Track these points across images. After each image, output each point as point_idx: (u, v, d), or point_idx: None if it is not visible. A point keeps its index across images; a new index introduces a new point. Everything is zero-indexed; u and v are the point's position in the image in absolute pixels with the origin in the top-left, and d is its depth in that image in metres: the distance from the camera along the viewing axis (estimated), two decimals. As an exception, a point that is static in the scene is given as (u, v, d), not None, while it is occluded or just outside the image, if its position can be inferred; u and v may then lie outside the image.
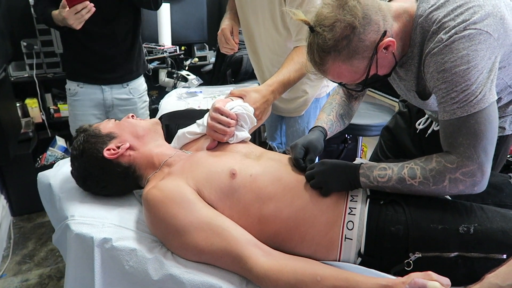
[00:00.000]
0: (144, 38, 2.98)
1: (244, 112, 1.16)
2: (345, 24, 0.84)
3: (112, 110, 1.99)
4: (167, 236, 0.96)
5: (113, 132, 1.14)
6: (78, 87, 1.88)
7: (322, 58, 0.88)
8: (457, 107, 0.86)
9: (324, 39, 0.85)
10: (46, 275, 2.06)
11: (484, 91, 0.84)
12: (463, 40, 0.83)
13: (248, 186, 1.00)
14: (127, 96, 1.98)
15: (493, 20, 0.84)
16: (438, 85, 0.88)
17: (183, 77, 2.61)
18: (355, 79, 0.93)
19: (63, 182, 1.18)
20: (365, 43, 0.86)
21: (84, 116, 1.94)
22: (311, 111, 1.71)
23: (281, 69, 1.36)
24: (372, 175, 0.97)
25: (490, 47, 0.84)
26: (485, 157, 0.87)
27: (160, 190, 0.98)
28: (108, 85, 1.92)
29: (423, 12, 0.90)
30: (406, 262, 0.90)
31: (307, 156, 1.08)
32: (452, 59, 0.84)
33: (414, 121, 1.35)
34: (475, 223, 0.89)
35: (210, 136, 1.16)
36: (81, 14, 1.55)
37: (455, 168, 0.88)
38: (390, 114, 2.39)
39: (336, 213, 0.98)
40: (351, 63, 0.88)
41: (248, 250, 0.90)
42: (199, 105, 1.67)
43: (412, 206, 0.95)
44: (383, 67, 0.93)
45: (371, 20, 0.85)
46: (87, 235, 0.98)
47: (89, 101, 1.92)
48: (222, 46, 1.58)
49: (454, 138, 0.89)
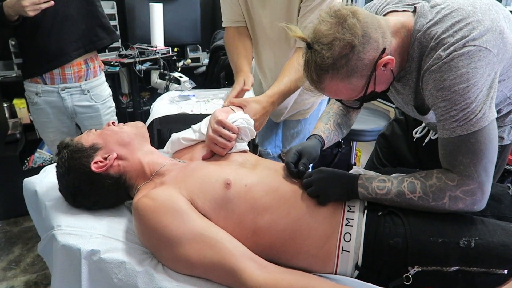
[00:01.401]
0: (136, 38, 2.94)
1: (246, 126, 1.13)
2: (344, 43, 0.81)
3: (76, 117, 1.90)
4: (158, 248, 0.92)
5: (97, 143, 1.09)
6: (36, 97, 1.78)
7: (319, 76, 0.86)
8: (456, 126, 0.85)
9: (322, 57, 0.82)
10: (32, 282, 2.00)
11: (484, 109, 0.83)
12: (462, 58, 0.81)
13: (243, 197, 0.97)
14: (88, 103, 1.87)
15: (492, 36, 0.83)
16: (437, 103, 0.86)
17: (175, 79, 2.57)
18: (353, 96, 0.92)
19: (49, 189, 1.13)
20: (364, 62, 0.84)
21: (51, 123, 1.86)
22: (313, 113, 1.70)
23: (282, 77, 1.33)
24: (371, 186, 0.95)
25: (489, 63, 0.83)
26: (486, 177, 0.86)
27: (151, 199, 0.94)
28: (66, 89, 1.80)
29: (421, 27, 0.89)
30: (405, 277, 0.88)
31: (300, 160, 1.06)
32: (451, 77, 0.82)
33: (411, 129, 1.33)
34: (475, 237, 0.87)
35: (210, 148, 1.12)
36: (39, 5, 1.49)
37: (455, 186, 0.87)
38: (385, 119, 2.38)
39: (333, 225, 0.96)
40: (349, 81, 0.86)
41: (242, 263, 0.86)
42: (192, 109, 1.63)
43: (411, 217, 0.93)
44: (381, 83, 0.92)
45: (371, 38, 0.83)
46: (73, 247, 0.93)
47: (51, 109, 1.83)
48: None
49: (453, 157, 0.88)
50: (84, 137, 1.12)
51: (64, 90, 1.79)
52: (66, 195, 1.08)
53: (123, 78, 2.88)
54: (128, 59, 2.51)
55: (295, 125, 1.73)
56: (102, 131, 1.13)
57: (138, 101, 2.94)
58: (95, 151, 1.07)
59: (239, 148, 1.15)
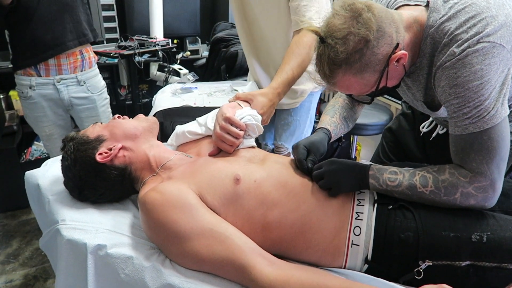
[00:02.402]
0: (135, 30, 2.90)
1: (254, 122, 1.11)
2: (359, 37, 0.80)
3: (72, 109, 1.87)
4: (166, 243, 0.90)
5: (102, 135, 1.07)
6: (30, 90, 1.72)
7: (332, 71, 0.85)
8: (469, 123, 0.84)
9: (336, 52, 0.81)
10: (31, 275, 1.99)
11: (497, 107, 0.83)
12: (476, 54, 0.80)
13: (253, 192, 0.96)
14: (85, 94, 1.84)
15: (506, 31, 0.82)
16: (450, 100, 0.85)
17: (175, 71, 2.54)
18: (364, 91, 0.90)
19: (53, 183, 1.11)
20: (378, 57, 0.83)
21: (47, 117, 1.81)
22: (304, 104, 1.68)
23: (283, 65, 1.31)
24: (382, 177, 0.94)
25: (503, 59, 0.82)
26: (498, 174, 0.86)
27: (160, 192, 0.92)
28: (63, 81, 1.76)
29: (434, 22, 0.87)
30: (416, 271, 0.87)
31: (308, 157, 1.05)
32: (465, 74, 0.81)
33: (418, 124, 1.32)
34: (487, 231, 0.86)
35: (217, 145, 1.10)
36: None
37: (468, 182, 0.87)
38: (386, 114, 2.37)
39: (343, 218, 0.95)
40: (362, 76, 0.85)
41: (252, 260, 0.85)
42: (195, 102, 1.61)
43: (421, 211, 0.92)
44: (393, 79, 0.91)
45: (385, 33, 0.82)
46: (79, 241, 0.92)
47: (46, 103, 1.77)
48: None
49: (466, 154, 0.87)
50: (90, 130, 1.10)
51: (60, 81, 1.75)
52: (71, 188, 1.06)
53: (122, 70, 2.84)
54: (127, 50, 2.47)
55: (286, 116, 1.72)
56: (107, 123, 1.11)
57: (137, 93, 2.91)
58: (100, 142, 1.06)
59: (247, 145, 1.13)
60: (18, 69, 1.72)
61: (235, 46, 2.45)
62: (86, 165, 1.03)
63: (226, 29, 2.68)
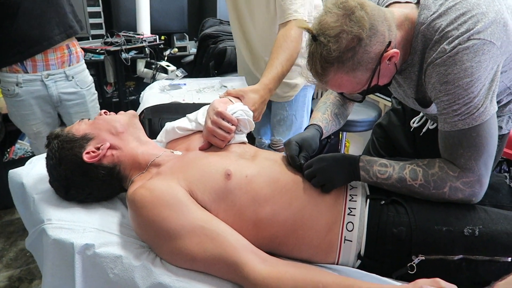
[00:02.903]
0: (121, 25, 2.85)
1: (245, 118, 1.10)
2: (352, 36, 0.80)
3: (61, 106, 1.81)
4: (156, 241, 0.88)
5: (89, 133, 1.04)
6: (17, 87, 1.65)
7: (324, 69, 0.84)
8: (458, 119, 0.85)
9: (328, 50, 0.81)
10: (16, 277, 1.94)
11: (485, 104, 0.84)
12: (467, 52, 0.81)
13: (244, 188, 0.94)
14: (74, 89, 1.79)
15: (496, 28, 0.82)
16: (440, 96, 0.86)
17: (162, 68, 2.51)
18: (356, 90, 0.90)
19: (37, 181, 1.07)
20: (370, 55, 0.83)
21: (35, 115, 1.73)
22: (299, 99, 1.68)
23: (272, 61, 1.31)
24: (372, 170, 0.94)
25: (493, 56, 0.82)
26: (485, 171, 0.87)
27: (148, 190, 0.90)
28: (51, 76, 1.70)
29: (425, 19, 0.87)
30: (410, 266, 0.87)
31: (301, 153, 1.04)
32: (456, 71, 0.82)
33: (408, 119, 1.32)
34: (479, 225, 0.87)
35: (209, 140, 1.08)
36: None
37: (456, 177, 0.88)
38: (374, 110, 2.38)
39: (335, 214, 0.94)
40: (354, 74, 0.84)
41: (244, 257, 0.84)
42: (184, 98, 1.59)
43: (414, 206, 0.92)
44: (385, 77, 0.91)
45: (377, 31, 0.82)
46: (66, 241, 0.89)
47: (34, 100, 1.71)
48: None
49: (454, 150, 0.88)
50: (75, 127, 1.06)
51: (48, 77, 1.70)
52: (57, 187, 1.02)
53: (109, 67, 2.79)
54: (114, 46, 2.42)
55: (281, 111, 1.71)
56: (94, 120, 1.08)
57: (124, 90, 2.86)
58: (87, 141, 1.02)
59: (238, 140, 1.11)
60: (3, 66, 1.66)
61: (223, 43, 2.43)
62: (73, 164, 1.00)
63: (214, 25, 2.66)
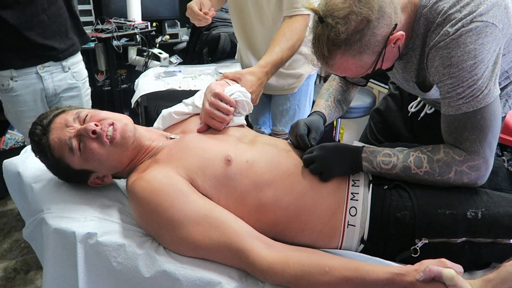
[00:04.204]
0: (111, 12, 2.79)
1: (244, 99, 1.08)
2: (361, 17, 0.78)
3: (56, 100, 1.68)
4: (159, 231, 0.88)
5: (87, 169, 0.98)
6: (12, 81, 1.53)
7: (331, 52, 0.82)
8: (463, 102, 0.85)
9: (337, 32, 0.79)
10: (11, 268, 1.92)
11: (489, 86, 0.83)
12: (470, 34, 0.80)
13: (245, 173, 0.93)
14: (70, 81, 1.68)
15: (498, 10, 0.82)
16: (444, 80, 0.85)
17: (154, 55, 2.46)
18: (360, 74, 0.89)
19: (34, 170, 1.05)
20: (377, 38, 0.82)
21: (30, 111, 1.60)
22: (302, 88, 1.67)
23: (273, 46, 1.29)
24: (376, 160, 0.93)
25: (495, 39, 0.82)
26: (490, 152, 0.87)
27: (147, 181, 0.89)
28: (47, 63, 1.59)
29: (427, 2, 0.87)
30: (413, 249, 0.87)
31: (310, 135, 1.03)
32: (459, 54, 0.81)
33: (406, 104, 1.32)
34: (482, 208, 0.87)
35: (207, 122, 1.06)
36: None
37: (462, 161, 0.88)
38: (369, 96, 2.38)
39: (338, 199, 0.94)
40: (360, 58, 0.83)
41: (249, 243, 0.84)
42: (180, 85, 1.56)
43: (417, 190, 0.92)
44: (388, 60, 0.90)
45: (385, 13, 0.80)
46: (67, 230, 0.88)
47: (29, 95, 1.59)
48: (193, 20, 1.49)
49: (459, 133, 0.88)
50: (69, 157, 0.95)
51: (43, 69, 1.61)
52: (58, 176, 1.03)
53: (100, 54, 2.73)
54: (105, 33, 2.37)
55: (284, 102, 1.70)
56: (86, 157, 0.95)
57: (116, 78, 2.81)
58: (88, 174, 1.00)
59: (237, 122, 1.10)
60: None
61: (217, 29, 2.40)
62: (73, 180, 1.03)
63: (207, 11, 2.61)
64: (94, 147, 0.94)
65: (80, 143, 0.94)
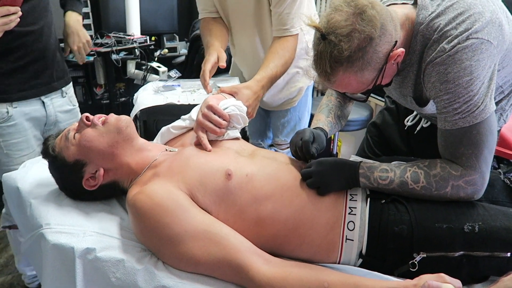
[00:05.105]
0: (110, 27, 2.82)
1: (238, 113, 1.09)
2: (364, 35, 0.79)
3: (54, 127, 1.50)
4: (159, 247, 0.88)
5: (80, 159, 1.00)
6: (11, 108, 1.34)
7: (333, 69, 0.83)
8: (459, 118, 0.86)
9: (340, 49, 0.79)
10: (7, 283, 1.89)
11: (485, 102, 0.85)
12: (466, 51, 0.82)
13: (244, 187, 0.94)
14: (69, 107, 1.54)
15: (492, 28, 0.84)
16: (441, 95, 0.87)
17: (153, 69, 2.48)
18: (360, 90, 0.90)
19: (34, 186, 1.06)
20: (379, 55, 0.83)
21: (25, 143, 1.39)
22: (302, 99, 1.69)
23: (267, 63, 1.32)
24: (373, 176, 0.94)
25: (490, 55, 0.84)
26: (486, 167, 0.88)
27: (148, 196, 0.89)
28: (49, 94, 1.45)
29: (424, 19, 0.88)
30: (411, 263, 0.88)
31: (313, 144, 1.03)
32: (456, 70, 0.83)
33: (402, 118, 1.34)
34: (479, 222, 0.88)
35: (197, 133, 1.07)
36: (9, 19, 1.13)
37: (458, 176, 0.89)
38: (366, 109, 2.40)
39: (336, 214, 0.95)
40: (362, 74, 0.84)
41: (248, 259, 0.84)
42: (179, 100, 1.58)
43: (414, 204, 0.93)
44: (387, 76, 0.91)
45: (386, 30, 0.82)
46: (66, 245, 0.88)
47: (28, 122, 1.39)
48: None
49: (455, 148, 0.89)
50: (64, 149, 1.01)
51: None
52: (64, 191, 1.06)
53: (99, 68, 2.75)
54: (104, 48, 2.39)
55: (285, 114, 1.72)
56: (79, 142, 0.99)
57: (114, 92, 2.83)
58: (81, 167, 1.00)
59: (231, 136, 1.11)
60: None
61: (215, 43, 2.42)
62: (75, 187, 1.03)
63: (205, 26, 2.64)
64: (87, 131, 1.01)
65: (76, 134, 1.01)
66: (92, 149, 0.99)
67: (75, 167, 1.00)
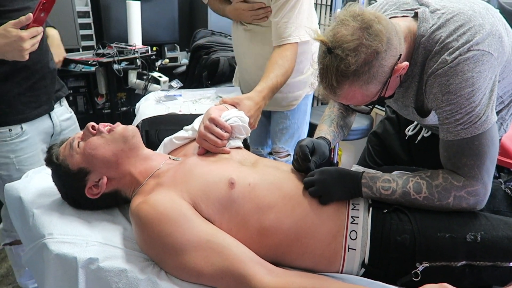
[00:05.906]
0: (112, 37, 2.84)
1: (240, 124, 1.11)
2: (371, 50, 0.79)
3: (59, 137, 1.49)
4: (162, 256, 0.88)
5: (84, 168, 1.00)
6: (24, 124, 1.33)
7: (339, 82, 0.83)
8: (461, 129, 0.87)
9: (347, 63, 0.79)
10: (7, 294, 1.89)
11: (487, 112, 0.86)
12: (467, 62, 0.83)
13: (247, 196, 0.94)
14: (67, 114, 1.54)
15: (493, 39, 0.85)
16: (443, 106, 0.87)
17: (154, 79, 2.50)
18: (365, 102, 0.91)
19: (36, 196, 1.05)
20: (384, 69, 0.83)
21: (36, 157, 1.38)
22: (301, 107, 1.70)
23: (267, 73, 1.34)
24: (375, 186, 0.95)
25: (491, 66, 0.85)
26: (488, 177, 0.89)
27: (152, 206, 0.89)
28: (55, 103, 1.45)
29: (425, 32, 0.89)
30: (414, 273, 0.88)
31: (313, 157, 1.03)
32: (457, 81, 0.84)
33: (403, 127, 1.35)
34: (481, 231, 0.88)
35: (200, 144, 1.08)
36: (37, 39, 1.12)
37: (461, 187, 0.89)
38: (366, 119, 2.41)
39: (338, 223, 0.95)
40: (367, 87, 0.84)
41: (251, 269, 0.84)
42: (181, 109, 1.59)
43: (416, 214, 0.93)
44: (391, 89, 0.91)
45: (392, 44, 0.82)
46: (69, 255, 0.87)
47: (38, 135, 1.40)
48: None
49: (458, 159, 0.89)
50: (68, 158, 1.01)
51: None
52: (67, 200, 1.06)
53: (100, 78, 2.77)
54: (106, 58, 2.41)
55: (283, 120, 1.73)
56: (84, 150, 1.00)
57: (116, 101, 2.84)
58: (85, 175, 1.01)
59: (233, 145, 1.12)
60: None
61: (216, 53, 2.45)
62: (77, 196, 1.03)
63: (206, 36, 2.67)
64: (92, 139, 1.01)
65: (80, 142, 1.02)
66: (96, 157, 1.00)
67: (79, 175, 1.00)
